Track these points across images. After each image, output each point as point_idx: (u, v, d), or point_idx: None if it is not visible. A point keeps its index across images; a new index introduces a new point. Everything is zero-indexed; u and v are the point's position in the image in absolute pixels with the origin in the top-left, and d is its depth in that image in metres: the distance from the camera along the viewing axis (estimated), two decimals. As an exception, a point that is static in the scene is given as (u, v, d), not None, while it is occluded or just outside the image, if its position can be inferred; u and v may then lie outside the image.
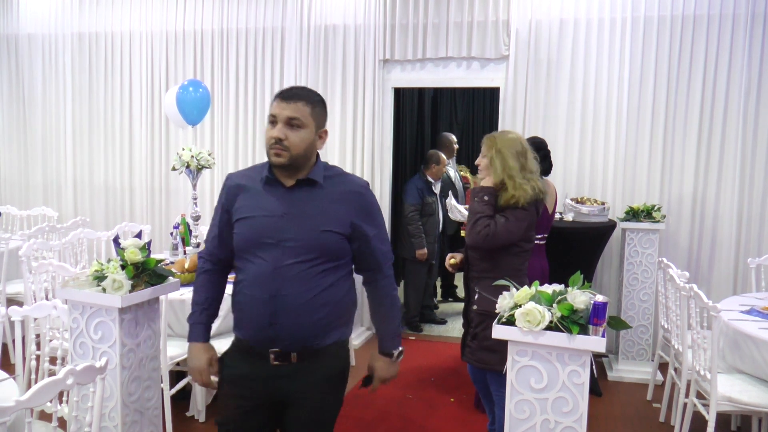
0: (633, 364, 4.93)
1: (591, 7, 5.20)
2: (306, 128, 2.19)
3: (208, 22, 6.07)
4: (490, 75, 5.52)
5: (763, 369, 3.31)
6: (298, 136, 2.17)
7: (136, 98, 6.34)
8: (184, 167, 4.56)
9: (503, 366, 3.20)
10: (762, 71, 4.97)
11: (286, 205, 2.23)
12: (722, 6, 4.99)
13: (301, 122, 2.18)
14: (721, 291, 5.09)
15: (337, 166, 2.38)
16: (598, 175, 5.30)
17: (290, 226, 2.20)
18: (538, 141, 4.18)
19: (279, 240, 2.19)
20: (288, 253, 2.19)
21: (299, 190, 2.24)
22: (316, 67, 5.81)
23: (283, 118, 2.17)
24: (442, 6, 5.45)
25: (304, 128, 2.18)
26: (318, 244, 2.20)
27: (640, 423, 4.17)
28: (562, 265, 4.24)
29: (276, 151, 2.18)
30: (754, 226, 5.09)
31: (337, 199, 2.25)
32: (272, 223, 2.21)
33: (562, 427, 2.43)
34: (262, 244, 2.21)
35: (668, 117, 5.14)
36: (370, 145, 5.72)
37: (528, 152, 3.15)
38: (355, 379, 4.75)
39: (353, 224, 2.25)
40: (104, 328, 2.57)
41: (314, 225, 2.20)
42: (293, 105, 2.17)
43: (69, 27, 6.47)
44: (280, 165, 2.19)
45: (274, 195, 2.25)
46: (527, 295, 2.48)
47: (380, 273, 2.38)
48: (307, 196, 2.24)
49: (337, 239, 2.23)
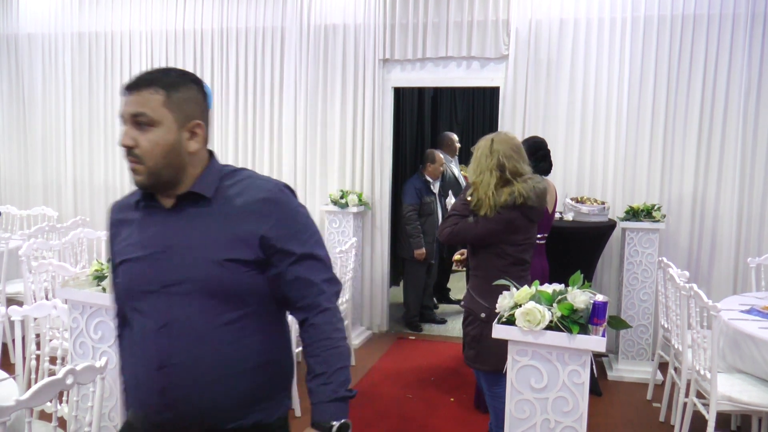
0: (633, 363, 4.93)
1: (591, 7, 5.20)
2: (160, 125, 1.56)
3: (208, 22, 6.07)
4: (490, 75, 5.52)
5: (763, 369, 3.30)
6: (150, 138, 1.56)
7: (136, 98, 6.33)
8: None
9: (485, 364, 3.23)
10: (762, 71, 4.97)
11: (168, 235, 1.62)
12: (722, 6, 4.99)
13: (149, 118, 1.55)
14: (721, 290, 5.09)
15: (245, 169, 1.72)
16: (598, 174, 5.30)
17: (175, 263, 1.59)
18: (539, 141, 4.18)
19: (163, 285, 1.59)
20: (177, 303, 1.58)
21: (182, 212, 1.63)
22: (316, 67, 5.81)
23: (128, 117, 1.57)
24: (442, 6, 5.45)
25: (156, 126, 1.56)
26: (216, 282, 1.57)
27: (640, 423, 4.16)
28: (562, 264, 4.24)
29: (130, 165, 1.59)
30: (754, 226, 5.09)
31: (238, 214, 1.60)
32: (152, 262, 1.61)
33: (563, 426, 2.43)
34: (141, 294, 1.62)
35: (668, 117, 5.14)
36: (370, 145, 5.72)
37: (512, 156, 3.13)
38: (352, 379, 4.76)
39: (265, 244, 1.60)
40: (104, 327, 2.57)
41: (207, 255, 1.58)
42: (137, 96, 1.56)
43: (69, 26, 6.47)
44: (139, 184, 1.60)
45: (153, 223, 1.65)
46: (527, 294, 2.48)
47: (315, 309, 1.66)
48: (193, 218, 1.62)
49: (244, 271, 1.59)
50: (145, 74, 1.60)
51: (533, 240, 3.28)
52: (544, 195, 3.21)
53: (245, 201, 1.61)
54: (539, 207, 3.21)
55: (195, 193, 1.62)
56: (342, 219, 5.53)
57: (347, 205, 5.46)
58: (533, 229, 3.26)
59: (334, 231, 5.57)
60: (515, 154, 3.16)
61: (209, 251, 1.58)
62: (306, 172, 5.92)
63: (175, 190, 1.62)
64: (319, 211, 5.84)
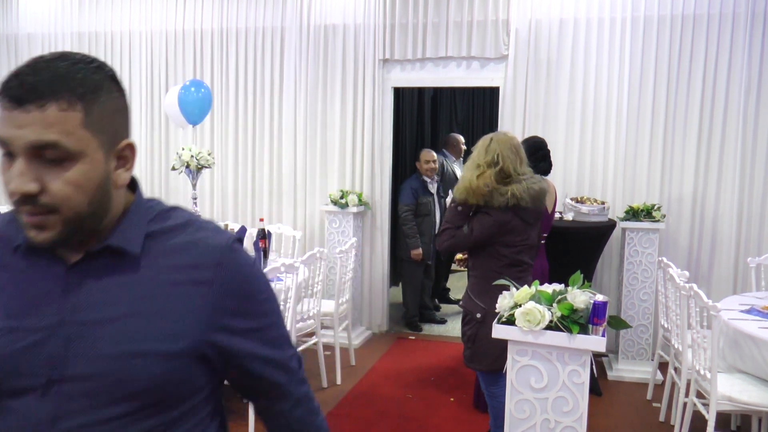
0: (633, 363, 4.93)
1: (591, 7, 5.20)
2: (82, 158, 1.00)
3: (208, 22, 6.07)
4: (489, 75, 5.52)
5: (763, 368, 3.30)
6: (68, 179, 1.00)
7: (136, 98, 6.34)
8: (183, 167, 4.56)
9: (480, 363, 3.24)
10: (762, 71, 4.97)
11: (66, 305, 1.06)
12: (722, 5, 4.99)
13: (65, 150, 0.99)
14: (721, 290, 5.09)
15: (179, 208, 1.18)
16: (598, 174, 5.30)
17: (74, 349, 1.04)
18: (538, 141, 4.18)
19: (50, 378, 1.03)
20: (69, 406, 1.03)
21: (90, 271, 1.08)
22: (316, 67, 5.81)
23: (23, 148, 0.98)
24: (442, 6, 5.45)
25: (77, 160, 1.00)
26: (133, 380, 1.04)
27: (640, 422, 4.17)
28: (562, 264, 4.25)
29: (30, 220, 1.01)
30: (754, 226, 5.10)
31: (173, 280, 1.08)
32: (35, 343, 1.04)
33: (562, 426, 2.43)
34: (14, 389, 1.04)
35: (668, 116, 5.14)
36: (370, 145, 5.71)
37: (508, 156, 3.14)
38: (352, 379, 4.77)
39: (210, 329, 1.09)
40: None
41: (123, 341, 1.04)
42: (38, 114, 0.97)
43: (69, 26, 6.47)
44: (47, 243, 1.02)
45: (43, 280, 1.08)
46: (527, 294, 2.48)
47: (283, 398, 1.24)
48: (107, 283, 1.07)
49: (176, 367, 1.07)
50: (39, 73, 0.98)
51: (531, 242, 3.27)
52: (539, 196, 3.19)
53: (187, 262, 1.09)
54: (534, 208, 3.19)
55: (115, 248, 1.07)
56: (342, 219, 5.53)
57: (347, 205, 5.47)
58: (530, 231, 3.24)
59: (333, 231, 5.57)
60: (512, 154, 3.17)
61: (127, 335, 1.04)
62: (306, 172, 5.92)
63: (87, 240, 1.07)
64: (319, 211, 5.84)
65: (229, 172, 6.13)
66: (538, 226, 3.36)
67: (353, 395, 4.51)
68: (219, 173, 6.13)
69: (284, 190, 5.99)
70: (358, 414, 4.20)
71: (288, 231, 5.44)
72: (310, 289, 4.45)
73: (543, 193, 3.23)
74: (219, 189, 6.18)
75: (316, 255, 4.33)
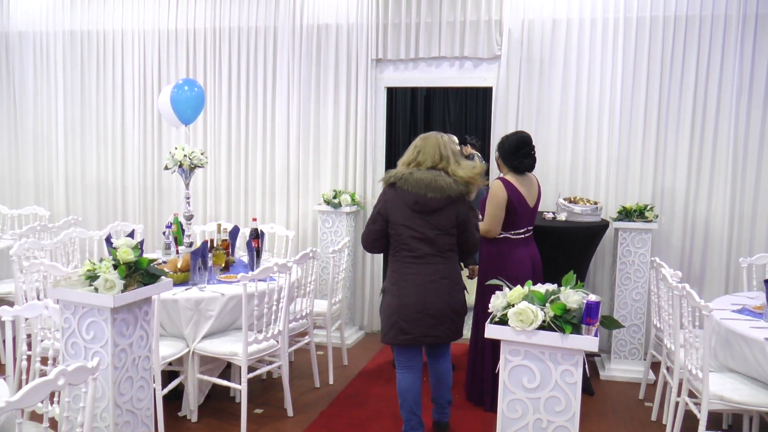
0: (625, 363, 4.95)
1: (583, 7, 5.21)
2: None
3: (201, 21, 6.05)
4: (482, 74, 5.53)
5: (755, 368, 3.32)
6: None
7: (129, 96, 6.32)
8: (176, 166, 4.54)
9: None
10: (753, 72, 4.99)
11: None
12: (714, 7, 5.01)
13: None
14: (713, 290, 5.11)
15: None
16: (591, 174, 5.32)
17: None
18: (523, 137, 4.11)
19: None
20: None
21: None
22: (309, 67, 5.80)
23: None
24: (435, 5, 5.45)
25: None
26: None
27: (632, 422, 4.18)
28: (555, 264, 4.26)
29: None
30: (745, 226, 5.12)
31: None
32: None
33: (555, 426, 2.43)
34: None
35: (660, 117, 5.16)
36: (363, 145, 5.71)
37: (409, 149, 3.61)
38: (345, 379, 4.76)
39: None
40: (96, 328, 2.56)
41: None
42: None
43: (60, 25, 6.43)
44: None
45: None
46: (520, 294, 2.48)
47: None
48: None
49: None
50: None
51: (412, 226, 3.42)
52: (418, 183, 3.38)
53: None
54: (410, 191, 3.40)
55: None
56: (335, 219, 5.52)
57: (340, 205, 5.46)
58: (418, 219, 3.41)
59: (327, 231, 5.56)
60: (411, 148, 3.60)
61: None
62: (299, 172, 5.91)
63: None
64: (312, 211, 5.83)
65: (222, 171, 6.11)
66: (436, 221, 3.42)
67: (346, 395, 4.50)
68: (212, 173, 6.11)
69: (277, 190, 5.98)
70: (351, 414, 4.20)
71: (281, 231, 5.43)
72: (303, 289, 4.44)
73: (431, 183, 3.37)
74: (212, 188, 6.16)
75: (308, 255, 4.32)
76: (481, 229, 3.86)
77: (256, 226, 4.54)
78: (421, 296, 3.42)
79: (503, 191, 3.92)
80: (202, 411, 4.09)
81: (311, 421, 4.07)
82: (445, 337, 3.49)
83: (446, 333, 3.48)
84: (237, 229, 4.75)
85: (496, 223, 3.94)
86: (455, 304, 3.49)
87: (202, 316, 3.84)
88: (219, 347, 3.81)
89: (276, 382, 4.65)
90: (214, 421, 4.04)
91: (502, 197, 3.91)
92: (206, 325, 3.85)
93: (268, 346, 3.93)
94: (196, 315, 3.83)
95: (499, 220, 3.94)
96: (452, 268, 3.52)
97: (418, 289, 3.42)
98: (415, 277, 3.43)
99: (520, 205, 3.95)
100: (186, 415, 4.05)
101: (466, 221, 3.48)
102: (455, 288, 3.50)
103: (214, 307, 3.85)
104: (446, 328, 3.47)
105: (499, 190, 3.93)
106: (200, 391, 4.06)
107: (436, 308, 3.42)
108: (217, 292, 3.89)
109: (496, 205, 3.92)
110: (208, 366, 4.01)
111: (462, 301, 3.55)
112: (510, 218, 3.96)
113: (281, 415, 4.15)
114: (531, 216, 4.06)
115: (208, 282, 4.07)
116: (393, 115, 7.11)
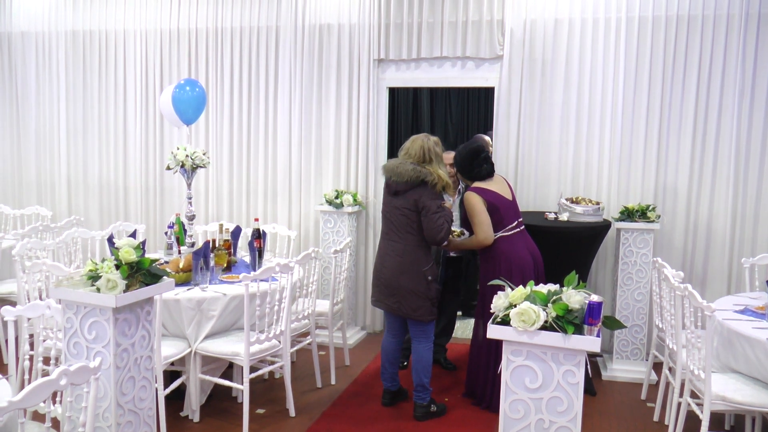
0: (627, 363, 4.94)
1: (585, 7, 5.20)
2: None
3: (203, 21, 6.05)
4: (484, 75, 5.52)
5: (757, 368, 3.32)
6: None
7: (131, 97, 6.32)
8: (178, 166, 4.54)
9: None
10: (756, 71, 4.98)
11: None
12: (716, 6, 5.00)
13: None
14: (716, 291, 5.10)
15: None
16: (593, 174, 5.31)
17: None
18: (475, 147, 4.28)
19: None
20: None
21: None
22: (311, 67, 5.80)
23: None
24: (437, 5, 5.45)
25: None
26: None
27: (634, 422, 4.17)
28: (557, 264, 4.26)
29: None
30: (748, 226, 5.11)
31: None
32: None
33: (557, 426, 2.43)
34: None
35: (663, 117, 5.15)
36: (365, 145, 5.71)
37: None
38: (347, 379, 4.76)
39: None
40: (98, 327, 2.56)
41: None
42: None
43: (63, 25, 6.44)
44: None
45: None
46: (522, 295, 2.48)
47: None
48: None
49: None
50: None
51: (384, 205, 4.01)
52: (387, 169, 3.94)
53: None
54: (384, 176, 4.02)
55: None
56: (337, 219, 5.53)
57: (342, 205, 5.46)
58: (385, 196, 4.01)
59: (329, 231, 5.56)
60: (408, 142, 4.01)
61: None
62: (301, 172, 5.91)
63: None
64: (314, 211, 5.83)
65: (224, 171, 6.11)
66: (397, 203, 3.91)
67: (348, 395, 4.50)
68: (214, 173, 6.11)
69: (279, 190, 5.98)
70: (353, 414, 4.20)
71: (283, 231, 5.43)
72: (305, 289, 4.44)
73: (395, 168, 3.89)
74: (214, 188, 6.16)
75: (310, 255, 4.33)
76: (477, 239, 4.09)
77: (258, 226, 4.54)
78: (378, 267, 4.09)
79: (477, 198, 4.08)
80: (204, 411, 4.09)
81: (313, 421, 4.07)
82: (396, 309, 3.99)
83: (396, 306, 3.98)
84: (239, 229, 4.75)
85: (487, 228, 4.06)
86: (406, 281, 3.91)
87: (204, 316, 3.85)
88: (221, 347, 3.81)
89: (278, 382, 4.65)
90: (216, 421, 4.04)
91: (479, 204, 4.07)
92: (208, 325, 3.86)
93: (270, 346, 3.93)
94: (198, 315, 3.83)
95: (488, 224, 4.06)
96: (408, 250, 3.93)
97: (380, 260, 4.08)
98: (380, 250, 4.12)
99: (498, 202, 4.10)
100: (188, 415, 4.05)
101: (425, 206, 3.83)
102: (409, 268, 3.91)
103: (216, 307, 3.85)
104: (396, 301, 3.97)
105: (474, 199, 4.09)
106: (202, 391, 4.06)
107: (386, 279, 4.00)
108: (219, 292, 3.89)
109: (479, 212, 4.06)
110: (210, 366, 4.02)
111: (418, 283, 3.90)
112: (495, 217, 4.08)
113: (283, 415, 4.15)
114: (514, 208, 4.21)
115: (210, 282, 4.07)
116: (395, 115, 7.10)
